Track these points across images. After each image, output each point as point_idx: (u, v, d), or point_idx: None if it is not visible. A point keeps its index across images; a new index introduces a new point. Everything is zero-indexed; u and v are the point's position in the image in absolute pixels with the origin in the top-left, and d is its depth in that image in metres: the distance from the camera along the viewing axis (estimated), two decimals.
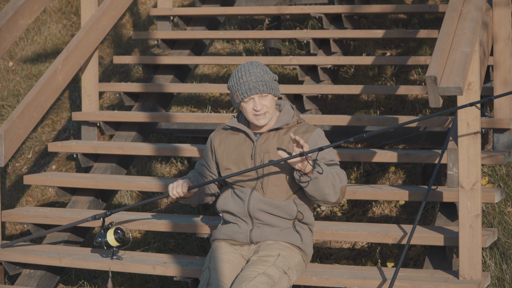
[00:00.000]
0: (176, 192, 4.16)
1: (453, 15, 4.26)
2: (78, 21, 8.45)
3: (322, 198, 3.99)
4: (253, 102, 4.08)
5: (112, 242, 4.55)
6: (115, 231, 4.54)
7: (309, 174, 3.90)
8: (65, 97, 7.53)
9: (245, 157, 4.15)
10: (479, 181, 4.15)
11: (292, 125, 4.18)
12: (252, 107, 4.08)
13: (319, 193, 3.96)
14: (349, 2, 7.15)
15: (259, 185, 4.12)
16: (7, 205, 6.42)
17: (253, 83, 4.05)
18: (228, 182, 4.22)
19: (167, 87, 6.28)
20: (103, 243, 4.55)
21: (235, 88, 4.09)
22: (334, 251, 5.61)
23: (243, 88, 4.06)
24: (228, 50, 7.87)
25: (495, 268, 4.85)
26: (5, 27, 5.23)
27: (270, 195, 4.10)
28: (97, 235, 4.57)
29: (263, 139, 4.15)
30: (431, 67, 3.89)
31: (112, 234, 4.54)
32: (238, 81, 4.08)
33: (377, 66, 6.99)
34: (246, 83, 4.06)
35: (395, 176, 6.05)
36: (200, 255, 5.58)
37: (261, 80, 4.07)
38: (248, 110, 4.10)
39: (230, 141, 4.21)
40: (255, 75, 4.07)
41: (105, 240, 4.54)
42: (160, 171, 6.59)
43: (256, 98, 4.07)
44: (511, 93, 3.93)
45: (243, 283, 3.83)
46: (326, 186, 3.95)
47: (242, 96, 4.07)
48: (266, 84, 4.07)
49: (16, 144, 5.15)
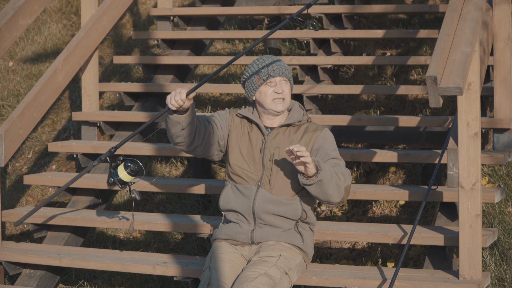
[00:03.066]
0: (175, 101, 3.84)
1: (453, 15, 4.27)
2: (78, 21, 8.45)
3: (326, 199, 3.99)
4: (275, 84, 4.11)
5: (125, 178, 4.22)
6: (125, 166, 4.21)
7: (313, 178, 3.90)
8: (65, 97, 7.53)
9: (254, 150, 4.15)
10: (479, 181, 4.15)
11: (303, 123, 4.19)
12: (273, 90, 4.10)
13: (323, 194, 3.97)
14: (349, 2, 7.15)
15: (265, 180, 4.11)
16: (7, 205, 6.42)
17: (277, 65, 4.12)
18: (231, 175, 4.20)
19: (167, 87, 6.28)
20: (117, 182, 4.23)
21: (256, 72, 4.12)
22: (334, 251, 5.61)
23: (267, 70, 4.10)
24: (228, 50, 7.87)
25: (495, 268, 4.85)
26: (5, 27, 5.23)
27: (278, 190, 4.10)
28: (108, 175, 4.26)
29: (274, 134, 4.15)
30: (431, 67, 3.89)
31: (123, 170, 4.21)
32: (261, 64, 4.12)
33: (377, 66, 6.99)
34: (270, 66, 4.12)
35: (395, 176, 6.05)
36: (200, 255, 5.58)
37: (284, 66, 4.16)
38: (268, 93, 4.11)
39: (242, 129, 4.20)
40: (277, 61, 4.15)
41: (118, 178, 4.22)
42: (160, 171, 6.59)
43: (278, 80, 4.12)
44: None
45: (244, 283, 3.83)
46: (330, 187, 3.95)
47: (266, 77, 4.10)
48: (288, 72, 4.16)
49: (16, 144, 5.15)
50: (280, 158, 4.11)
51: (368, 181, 6.09)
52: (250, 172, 4.13)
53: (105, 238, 6.01)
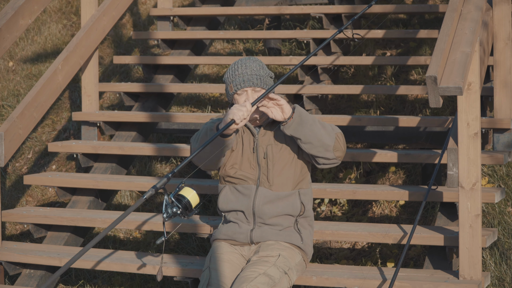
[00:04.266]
0: (242, 114, 3.72)
1: (453, 15, 4.26)
2: (78, 21, 8.45)
3: (319, 143, 3.95)
4: (246, 95, 4.07)
5: (194, 200, 3.60)
6: (189, 187, 3.62)
7: (293, 116, 3.90)
8: (65, 97, 7.53)
9: (248, 150, 4.14)
10: (479, 181, 4.15)
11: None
12: (244, 100, 4.07)
13: (313, 137, 3.93)
14: (349, 2, 7.15)
15: (263, 179, 4.12)
16: (7, 205, 6.42)
17: (248, 75, 4.05)
18: (228, 177, 4.20)
19: (167, 87, 6.28)
20: (186, 204, 3.58)
21: (229, 79, 4.09)
22: (334, 251, 5.61)
23: (237, 80, 4.06)
24: (228, 50, 7.87)
25: (495, 268, 4.85)
26: (5, 27, 5.23)
27: (277, 186, 4.10)
28: (167, 206, 3.57)
29: (263, 132, 4.15)
30: (431, 67, 3.89)
31: (191, 190, 3.61)
32: (234, 73, 4.08)
33: (377, 66, 6.99)
34: (240, 75, 4.06)
35: (395, 176, 6.05)
36: (200, 255, 5.58)
37: (256, 74, 4.07)
38: (240, 102, 4.08)
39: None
40: (250, 69, 4.07)
41: (186, 200, 3.57)
42: (160, 171, 6.59)
43: (249, 91, 4.06)
44: None
45: (243, 283, 3.83)
46: (315, 126, 3.94)
47: (236, 88, 4.07)
48: (261, 79, 4.07)
49: (16, 144, 5.15)
50: (273, 154, 4.12)
51: (368, 181, 6.09)
52: (247, 172, 4.14)
53: (105, 238, 6.01)
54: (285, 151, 4.13)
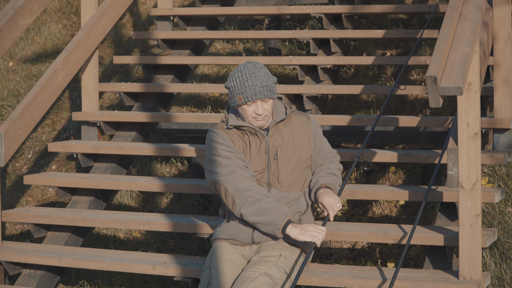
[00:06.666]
0: (322, 238, 3.98)
1: (453, 15, 4.26)
2: (78, 21, 8.45)
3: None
4: (255, 106, 4.08)
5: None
6: None
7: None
8: (65, 97, 7.53)
9: (257, 153, 4.14)
10: (479, 181, 4.15)
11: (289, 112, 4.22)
12: (254, 110, 4.08)
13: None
14: (349, 2, 7.15)
15: (273, 180, 4.13)
16: (7, 205, 6.42)
17: (259, 87, 4.05)
18: None
19: (167, 87, 6.28)
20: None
21: (238, 90, 4.07)
22: (334, 251, 5.61)
23: (248, 92, 4.05)
24: (228, 50, 7.87)
25: (495, 268, 4.85)
26: (5, 27, 5.23)
27: (287, 187, 4.14)
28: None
29: (271, 133, 4.16)
30: (431, 67, 3.89)
31: None
32: (244, 84, 4.06)
33: (377, 66, 6.99)
34: (252, 87, 4.05)
35: (395, 176, 6.05)
36: (200, 255, 5.58)
37: (266, 85, 4.07)
38: (249, 112, 4.09)
39: (240, 140, 4.18)
40: (260, 79, 4.07)
41: None
42: (160, 171, 6.59)
43: (259, 102, 4.08)
44: None
45: (244, 283, 3.83)
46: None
47: (247, 100, 4.06)
48: (271, 89, 4.09)
49: (16, 144, 5.15)
50: (282, 156, 4.13)
51: (368, 181, 6.10)
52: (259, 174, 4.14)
53: (105, 238, 6.01)
54: (294, 151, 4.15)
